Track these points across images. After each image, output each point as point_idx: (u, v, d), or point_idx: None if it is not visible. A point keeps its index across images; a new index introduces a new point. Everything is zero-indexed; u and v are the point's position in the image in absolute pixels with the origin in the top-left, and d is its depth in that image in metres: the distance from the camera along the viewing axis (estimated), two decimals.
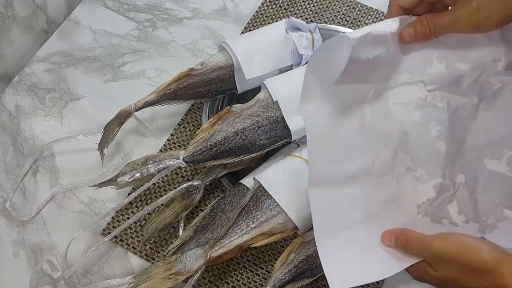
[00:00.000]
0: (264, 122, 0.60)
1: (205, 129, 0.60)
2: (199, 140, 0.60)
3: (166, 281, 0.55)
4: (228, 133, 0.60)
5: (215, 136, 0.60)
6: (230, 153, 0.60)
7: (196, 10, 0.83)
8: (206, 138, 0.60)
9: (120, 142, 0.71)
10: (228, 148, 0.60)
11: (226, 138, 0.60)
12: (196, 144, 0.60)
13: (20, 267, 0.63)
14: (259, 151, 0.61)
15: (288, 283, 0.57)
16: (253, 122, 0.60)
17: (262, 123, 0.60)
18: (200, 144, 0.60)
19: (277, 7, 0.82)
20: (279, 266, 0.57)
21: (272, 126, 0.60)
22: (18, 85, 0.76)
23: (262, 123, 0.60)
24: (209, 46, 0.79)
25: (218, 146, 0.60)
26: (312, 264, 0.57)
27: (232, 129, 0.60)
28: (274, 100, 0.60)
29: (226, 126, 0.60)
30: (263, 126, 0.60)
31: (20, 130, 0.72)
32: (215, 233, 0.59)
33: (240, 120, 0.60)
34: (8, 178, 0.69)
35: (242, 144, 0.60)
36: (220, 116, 0.60)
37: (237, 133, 0.60)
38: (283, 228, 0.58)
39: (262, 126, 0.60)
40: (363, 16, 0.81)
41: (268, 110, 0.61)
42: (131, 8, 0.83)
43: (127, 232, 0.65)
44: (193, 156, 0.59)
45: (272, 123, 0.60)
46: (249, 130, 0.60)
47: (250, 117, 0.60)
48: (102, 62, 0.78)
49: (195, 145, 0.60)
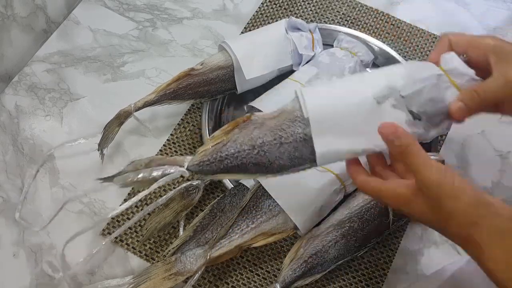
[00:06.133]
0: (289, 139, 0.49)
1: (217, 136, 0.51)
2: (208, 149, 0.51)
3: (166, 281, 0.55)
4: (243, 146, 0.50)
5: (228, 147, 0.50)
6: (243, 169, 0.51)
7: (196, 10, 0.83)
8: (218, 148, 0.50)
9: (120, 142, 0.71)
10: (241, 163, 0.50)
11: (240, 151, 0.50)
12: (204, 153, 0.51)
13: (20, 267, 0.63)
14: (277, 172, 0.50)
15: (298, 279, 0.57)
16: (276, 136, 0.49)
17: (286, 140, 0.49)
18: (209, 154, 0.51)
19: (277, 7, 0.82)
20: (288, 261, 0.57)
21: (298, 145, 0.49)
22: (18, 85, 0.76)
23: (286, 139, 0.49)
24: (209, 46, 0.79)
25: (229, 159, 0.50)
26: (322, 259, 0.58)
27: (249, 142, 0.50)
28: (305, 116, 0.48)
29: (243, 137, 0.50)
30: (287, 144, 0.49)
31: (20, 130, 0.72)
32: (215, 233, 0.59)
33: (261, 132, 0.50)
34: (8, 178, 0.69)
35: (258, 160, 0.50)
36: (238, 123, 0.51)
37: (255, 147, 0.49)
38: (283, 228, 0.58)
39: (285, 143, 0.49)
40: (363, 16, 0.81)
41: (295, 125, 0.49)
42: (131, 8, 0.83)
43: (127, 232, 0.65)
44: (200, 166, 0.51)
45: (298, 142, 0.49)
46: (270, 145, 0.49)
47: (273, 130, 0.49)
48: (102, 62, 0.78)
49: (203, 154, 0.51)
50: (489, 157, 0.70)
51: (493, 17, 0.82)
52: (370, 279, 0.62)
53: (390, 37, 0.79)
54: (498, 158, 0.70)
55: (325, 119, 0.48)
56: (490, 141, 0.70)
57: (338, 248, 0.58)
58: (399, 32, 0.80)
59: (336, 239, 0.58)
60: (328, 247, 0.58)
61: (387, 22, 0.80)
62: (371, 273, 0.63)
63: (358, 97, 0.47)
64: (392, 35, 0.79)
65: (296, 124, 0.49)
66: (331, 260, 0.58)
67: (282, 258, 0.62)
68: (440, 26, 0.80)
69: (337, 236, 0.58)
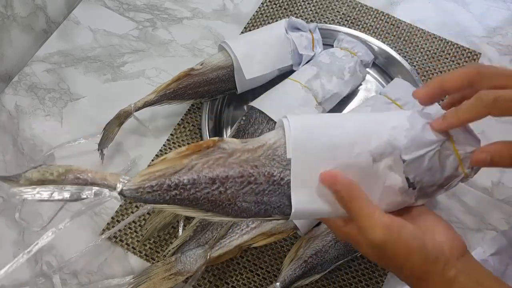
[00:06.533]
0: (259, 179, 0.41)
1: (170, 160, 0.40)
2: (154, 172, 0.40)
3: (166, 281, 0.55)
4: (201, 177, 0.40)
5: (180, 174, 0.40)
6: (194, 204, 0.41)
7: (196, 10, 0.83)
8: (167, 173, 0.40)
9: (120, 142, 0.71)
10: (193, 198, 0.41)
11: (196, 183, 0.40)
12: (148, 177, 0.40)
13: (20, 267, 0.63)
14: (235, 216, 0.42)
15: (298, 279, 0.57)
16: (245, 173, 0.41)
17: (256, 180, 0.41)
18: (153, 179, 0.40)
19: (277, 7, 0.82)
20: (288, 261, 0.57)
21: (269, 188, 0.41)
22: (18, 85, 0.76)
23: (256, 179, 0.41)
24: (209, 46, 0.79)
25: (179, 190, 0.40)
26: (322, 259, 0.58)
27: (209, 173, 0.40)
28: (287, 156, 0.41)
29: (202, 165, 0.40)
30: (256, 185, 0.41)
31: (19, 130, 0.72)
32: (215, 233, 0.59)
33: (226, 163, 0.41)
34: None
35: (216, 198, 0.41)
36: (200, 148, 0.41)
37: (215, 181, 0.40)
38: (283, 228, 0.58)
39: (254, 183, 0.41)
40: (363, 16, 0.81)
41: (272, 165, 0.41)
42: (131, 8, 0.83)
43: (127, 232, 0.65)
44: (137, 192, 0.40)
45: (270, 184, 0.41)
46: (234, 182, 0.40)
47: (242, 164, 0.41)
48: (102, 62, 0.78)
49: (146, 177, 0.40)
50: None
51: (493, 17, 0.82)
52: (370, 279, 0.62)
53: (390, 37, 0.79)
54: None
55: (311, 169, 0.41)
56: (490, 141, 0.70)
57: (338, 248, 0.58)
58: (399, 32, 0.80)
59: (336, 239, 0.58)
60: (328, 247, 0.58)
61: (387, 22, 0.80)
62: (371, 273, 0.63)
63: (354, 151, 0.41)
64: (392, 35, 0.79)
65: (273, 164, 0.41)
66: (331, 260, 0.58)
67: (282, 258, 0.62)
68: (440, 26, 0.80)
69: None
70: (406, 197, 0.42)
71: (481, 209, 0.66)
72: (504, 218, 0.66)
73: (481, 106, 0.39)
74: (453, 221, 0.66)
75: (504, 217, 0.66)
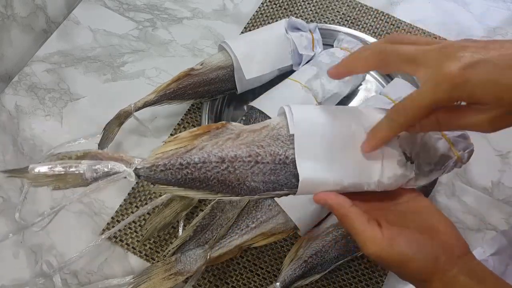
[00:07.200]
0: (266, 159, 0.43)
1: (182, 138, 0.43)
2: (167, 152, 0.42)
3: (166, 281, 0.55)
4: (211, 156, 0.42)
5: (191, 154, 0.42)
6: (205, 185, 0.43)
7: (196, 10, 0.83)
8: (179, 153, 0.42)
9: (120, 142, 0.71)
10: (204, 177, 0.42)
11: (206, 162, 0.42)
12: (161, 156, 0.42)
13: (20, 267, 0.63)
14: (245, 194, 0.43)
15: (298, 279, 0.57)
16: (252, 153, 0.43)
17: (263, 159, 0.43)
18: (166, 158, 0.42)
19: (277, 7, 0.82)
20: (288, 261, 0.57)
21: (276, 167, 0.43)
22: (17, 85, 0.76)
23: (263, 158, 0.43)
24: (209, 46, 0.79)
25: (191, 169, 0.42)
26: (322, 259, 0.58)
27: (219, 153, 0.42)
28: (290, 133, 0.43)
29: (212, 146, 0.42)
30: (263, 164, 0.43)
31: (19, 130, 0.72)
32: (215, 233, 0.59)
33: (234, 144, 0.43)
34: (8, 178, 0.68)
35: (226, 177, 0.42)
36: (210, 129, 0.43)
37: (224, 161, 0.42)
38: (283, 228, 0.58)
39: (261, 163, 0.43)
40: (363, 16, 0.81)
41: (277, 144, 0.43)
42: (131, 8, 0.83)
43: (127, 232, 0.65)
44: (151, 171, 0.42)
45: (277, 164, 0.43)
46: (243, 162, 0.42)
47: (250, 145, 0.43)
48: (101, 62, 0.78)
49: (159, 156, 0.42)
50: (489, 157, 0.70)
51: (493, 17, 0.82)
52: (370, 279, 0.62)
53: None
54: (498, 158, 0.70)
55: (313, 142, 0.43)
56: (490, 141, 0.70)
57: (338, 248, 0.58)
58: (399, 32, 0.80)
59: (336, 239, 0.58)
60: (328, 247, 0.58)
61: (387, 22, 0.80)
62: (371, 273, 0.63)
63: (351, 129, 0.44)
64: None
65: (277, 144, 0.43)
66: (331, 260, 0.58)
67: (282, 258, 0.62)
68: (440, 26, 0.80)
69: (337, 236, 0.58)
70: (406, 170, 0.44)
71: (481, 209, 0.67)
72: (504, 218, 0.66)
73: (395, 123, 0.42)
74: (453, 221, 0.65)
75: (504, 217, 0.66)
